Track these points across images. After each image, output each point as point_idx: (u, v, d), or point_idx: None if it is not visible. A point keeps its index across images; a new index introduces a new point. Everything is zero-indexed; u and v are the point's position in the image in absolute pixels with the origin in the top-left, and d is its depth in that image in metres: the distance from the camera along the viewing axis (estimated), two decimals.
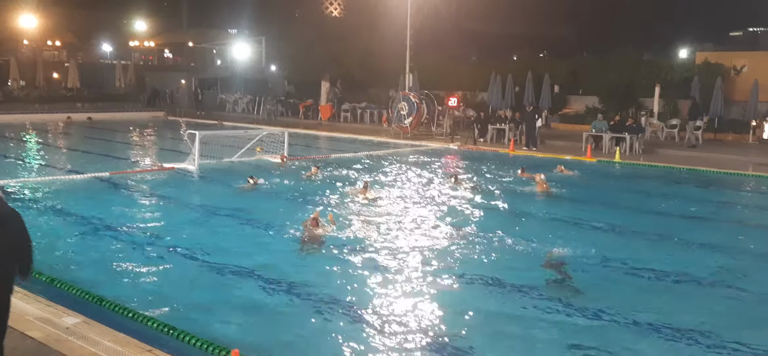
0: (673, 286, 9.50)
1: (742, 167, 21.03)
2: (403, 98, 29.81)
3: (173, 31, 71.69)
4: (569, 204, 15.50)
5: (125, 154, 23.49)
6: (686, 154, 24.41)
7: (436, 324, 7.88)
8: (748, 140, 28.53)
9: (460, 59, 44.89)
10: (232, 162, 20.49)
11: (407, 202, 15.10)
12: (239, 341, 6.73)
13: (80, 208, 13.70)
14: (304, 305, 8.42)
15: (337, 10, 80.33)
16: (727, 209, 16.28)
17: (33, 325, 6.91)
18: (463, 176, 18.74)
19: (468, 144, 26.98)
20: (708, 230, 13.38)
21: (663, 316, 8.09)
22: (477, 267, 10.20)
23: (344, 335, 7.47)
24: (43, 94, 45.89)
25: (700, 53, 35.86)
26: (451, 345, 7.25)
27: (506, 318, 8.12)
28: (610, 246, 11.58)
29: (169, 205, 14.80)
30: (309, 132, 31.81)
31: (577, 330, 7.75)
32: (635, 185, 19.09)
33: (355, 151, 24.72)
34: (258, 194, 15.80)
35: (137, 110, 44.00)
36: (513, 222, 13.51)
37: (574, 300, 8.62)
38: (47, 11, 56.80)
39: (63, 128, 32.95)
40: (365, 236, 11.68)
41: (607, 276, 9.90)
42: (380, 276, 9.52)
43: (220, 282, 9.25)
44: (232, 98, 46.93)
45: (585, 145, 24.74)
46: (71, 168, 19.19)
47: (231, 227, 12.62)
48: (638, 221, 13.87)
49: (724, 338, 7.49)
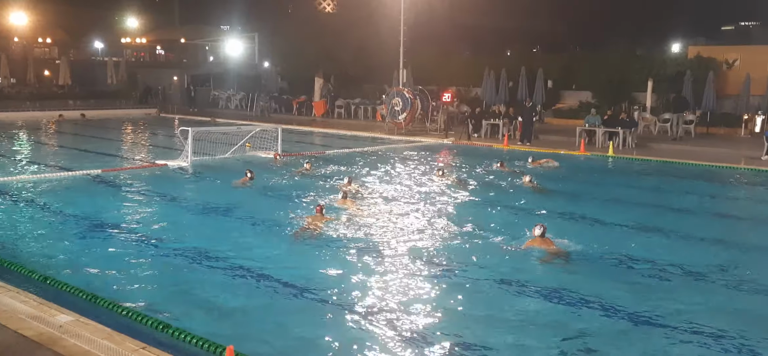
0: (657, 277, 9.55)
1: (735, 161, 21.11)
2: (397, 94, 29.79)
3: (165, 27, 71.37)
4: (554, 197, 15.61)
5: (118, 151, 23.43)
6: (678, 148, 24.49)
7: (421, 318, 7.88)
8: (740, 134, 28.63)
9: (453, 54, 44.87)
10: (225, 159, 20.45)
11: (395, 197, 15.13)
12: (234, 338, 6.71)
13: (73, 205, 13.65)
14: (298, 301, 8.41)
15: (331, 6, 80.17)
16: (719, 202, 16.34)
17: (26, 323, 6.87)
18: (449, 170, 18.82)
19: (462, 139, 26.99)
20: (697, 223, 13.43)
21: (642, 305, 8.13)
22: (459, 258, 10.24)
23: (339, 330, 7.47)
24: (34, 91, 45.65)
25: (692, 47, 35.92)
26: (438, 339, 7.26)
27: (487, 309, 8.16)
28: (592, 238, 11.65)
29: (162, 202, 14.75)
30: (303, 128, 31.75)
31: (563, 321, 7.79)
32: (620, 179, 19.22)
33: (349, 147, 24.70)
34: (251, 190, 15.76)
35: (129, 106, 43.88)
36: (493, 214, 13.68)
37: (561, 289, 8.65)
38: (38, 8, 56.51)
39: (55, 126, 32.82)
40: (356, 233, 11.67)
41: (595, 267, 9.94)
42: (372, 271, 9.53)
43: (214, 279, 9.22)
44: (225, 95, 46.82)
45: (578, 139, 24.78)
46: (63, 165, 19.11)
47: (225, 223, 12.59)
48: (622, 213, 13.94)
49: (717, 331, 7.53)
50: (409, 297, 8.53)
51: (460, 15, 48.02)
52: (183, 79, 50.39)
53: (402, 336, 7.37)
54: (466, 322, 7.84)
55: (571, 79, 36.86)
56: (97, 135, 28.74)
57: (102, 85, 50.89)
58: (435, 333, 7.47)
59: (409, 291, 8.77)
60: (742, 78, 29.58)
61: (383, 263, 9.99)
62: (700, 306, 8.46)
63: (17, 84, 47.96)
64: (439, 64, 39.56)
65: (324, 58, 41.07)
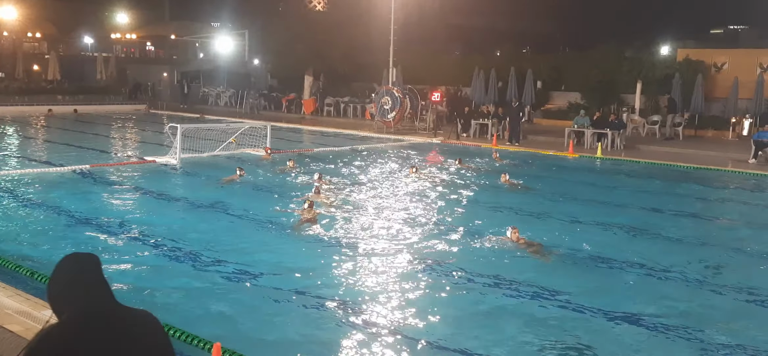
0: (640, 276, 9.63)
1: (721, 164, 21.28)
2: (386, 93, 29.83)
3: (155, 23, 71.02)
4: (531, 195, 15.89)
5: (106, 147, 23.35)
6: (666, 150, 24.64)
7: (395, 312, 7.94)
8: (728, 137, 28.83)
9: (443, 54, 44.96)
10: (214, 156, 20.43)
11: (368, 193, 15.46)
12: (221, 334, 6.73)
13: (61, 201, 13.62)
14: (285, 297, 8.42)
15: (321, 4, 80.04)
16: (704, 204, 16.45)
17: (12, 318, 6.87)
18: (422, 168, 19.04)
19: (451, 139, 27.05)
20: (684, 224, 13.54)
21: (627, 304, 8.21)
22: (429, 253, 10.39)
23: (325, 327, 7.51)
24: (22, 86, 45.39)
25: (681, 50, 36.12)
26: (416, 334, 7.31)
27: (461, 305, 8.27)
28: (564, 234, 11.85)
29: (150, 198, 14.73)
30: (291, 126, 31.73)
31: (540, 318, 7.88)
32: (591, 178, 19.51)
33: (337, 145, 24.72)
34: (239, 187, 15.76)
35: (119, 102, 43.73)
36: (462, 210, 13.96)
37: (528, 283, 8.72)
38: (27, 2, 56.09)
39: (44, 121, 32.66)
40: (342, 229, 11.75)
41: (567, 263, 10.02)
42: (359, 267, 9.60)
43: (201, 275, 9.23)
44: (215, 92, 46.73)
45: (567, 140, 24.90)
46: (52, 161, 19.03)
47: (212, 220, 12.59)
48: (590, 212, 14.12)
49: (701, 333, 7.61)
50: (378, 291, 8.67)
51: (451, 15, 48.17)
52: (173, 75, 50.24)
53: (376, 331, 7.42)
54: (444, 319, 7.92)
55: (560, 79, 37.01)
56: (86, 130, 28.62)
57: (91, 81, 50.66)
58: (410, 326, 7.54)
59: (379, 285, 8.90)
60: (731, 81, 29.78)
61: (345, 258, 10.11)
62: (673, 305, 8.56)
63: (6, 78, 47.68)
64: (429, 63, 39.63)
65: (314, 56, 41.04)
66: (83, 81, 50.38)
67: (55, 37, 63.25)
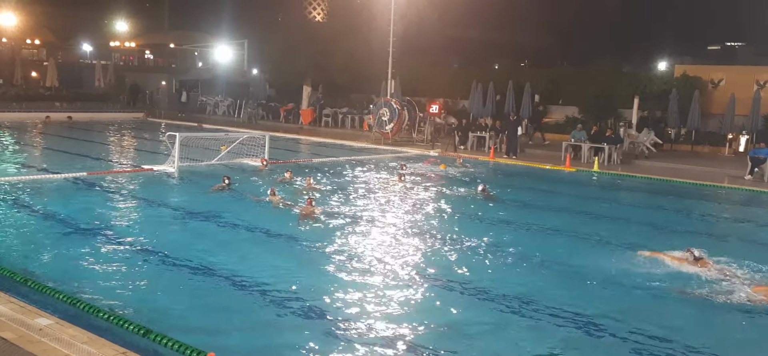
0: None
1: (718, 179, 21.32)
2: (384, 104, 29.88)
3: (155, 32, 71.17)
4: (504, 205, 16.08)
5: (104, 155, 23.31)
6: (663, 165, 24.66)
7: (390, 322, 7.93)
8: (725, 153, 28.90)
9: (442, 66, 45.04)
10: (212, 165, 20.40)
11: (355, 202, 15.63)
12: (215, 344, 6.71)
13: (57, 208, 13.58)
14: (280, 307, 8.40)
15: (321, 15, 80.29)
16: (701, 220, 16.45)
17: (5, 325, 6.84)
18: (408, 177, 19.44)
19: (449, 151, 27.07)
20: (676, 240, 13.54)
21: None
22: (403, 260, 10.37)
23: (319, 337, 7.48)
24: (21, 92, 45.40)
25: (678, 66, 36.29)
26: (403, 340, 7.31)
27: (443, 313, 8.31)
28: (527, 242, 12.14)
29: (147, 206, 14.69)
30: (289, 136, 31.73)
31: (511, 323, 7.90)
32: (572, 190, 19.70)
33: (335, 156, 24.71)
34: (235, 196, 15.73)
35: (117, 110, 43.72)
36: (446, 220, 14.27)
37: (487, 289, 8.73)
38: (27, 9, 56.10)
39: (41, 128, 32.63)
40: (337, 240, 11.76)
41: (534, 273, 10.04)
42: (351, 278, 9.59)
43: (196, 284, 9.21)
44: (213, 101, 46.75)
45: (564, 154, 24.92)
46: (49, 168, 19.00)
47: (209, 229, 12.57)
48: (569, 222, 14.39)
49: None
50: (370, 300, 8.64)
51: (449, 27, 48.25)
52: (171, 83, 50.28)
53: (368, 339, 7.41)
54: (439, 328, 7.93)
55: (558, 94, 37.10)
56: (84, 138, 28.60)
57: (89, 88, 50.71)
58: (404, 335, 7.54)
59: (371, 294, 8.87)
60: (728, 98, 29.88)
61: (339, 268, 10.10)
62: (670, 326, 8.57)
63: (4, 85, 47.69)
64: (428, 75, 39.69)
65: (312, 66, 41.09)
66: (81, 88, 50.41)
67: (54, 45, 63.35)
